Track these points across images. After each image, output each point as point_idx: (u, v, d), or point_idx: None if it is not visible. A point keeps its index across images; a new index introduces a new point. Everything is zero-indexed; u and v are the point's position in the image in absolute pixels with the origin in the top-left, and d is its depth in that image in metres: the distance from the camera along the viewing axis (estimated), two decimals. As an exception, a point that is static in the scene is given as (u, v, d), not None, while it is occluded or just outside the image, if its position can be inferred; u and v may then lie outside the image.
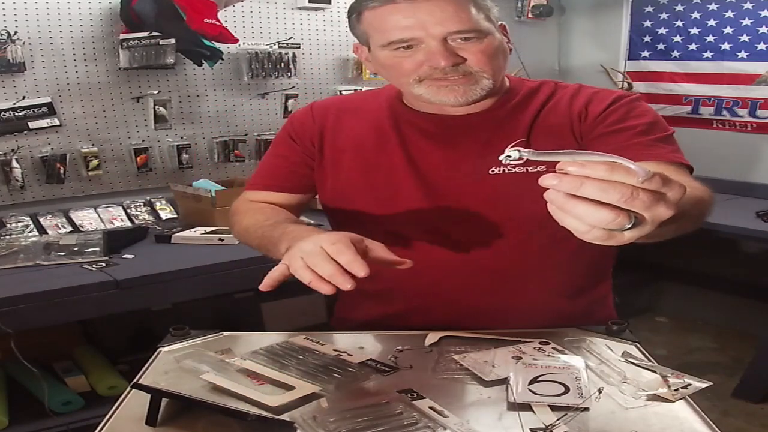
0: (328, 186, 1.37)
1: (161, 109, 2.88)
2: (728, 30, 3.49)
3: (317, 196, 1.43)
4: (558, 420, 0.91)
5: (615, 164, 0.68)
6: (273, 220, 1.28)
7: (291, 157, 1.39)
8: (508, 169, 1.24)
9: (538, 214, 1.23)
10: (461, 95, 1.20)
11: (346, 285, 0.97)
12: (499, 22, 1.24)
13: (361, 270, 0.98)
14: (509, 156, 0.79)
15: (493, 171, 1.25)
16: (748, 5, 3.41)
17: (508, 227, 1.26)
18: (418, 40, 1.17)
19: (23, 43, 2.54)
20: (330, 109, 1.40)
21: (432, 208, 1.27)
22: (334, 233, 1.06)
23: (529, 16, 3.87)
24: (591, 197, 0.68)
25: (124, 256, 2.40)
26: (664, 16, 3.72)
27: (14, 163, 2.57)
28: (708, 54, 3.58)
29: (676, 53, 3.70)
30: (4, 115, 2.54)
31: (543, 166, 1.23)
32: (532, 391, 0.98)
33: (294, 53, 3.15)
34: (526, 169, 1.23)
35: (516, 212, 1.25)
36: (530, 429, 0.90)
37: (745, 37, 3.44)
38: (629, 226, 0.70)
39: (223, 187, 2.76)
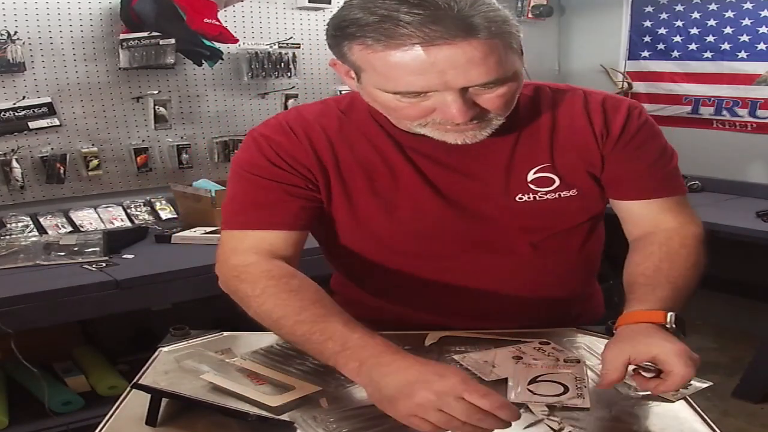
0: (342, 226, 1.21)
1: (161, 109, 2.88)
2: (728, 30, 3.49)
3: (318, 236, 1.28)
4: (559, 420, 0.91)
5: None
6: (308, 311, 1.04)
7: (283, 187, 1.16)
8: (539, 196, 1.17)
9: (558, 234, 1.23)
10: (470, 138, 1.06)
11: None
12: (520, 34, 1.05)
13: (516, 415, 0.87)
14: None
15: (521, 198, 1.17)
16: (748, 5, 3.40)
17: (536, 250, 1.22)
18: (432, 90, 0.99)
19: (23, 43, 2.54)
20: (311, 128, 1.18)
21: (460, 236, 1.20)
22: (449, 373, 0.89)
23: (529, 16, 3.87)
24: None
25: (124, 256, 2.40)
26: (664, 16, 3.71)
27: (14, 163, 2.57)
28: (708, 54, 3.58)
29: (676, 53, 3.70)
30: (4, 115, 2.54)
31: (574, 191, 1.18)
32: (531, 391, 0.98)
33: (294, 53, 3.15)
34: (558, 195, 1.18)
35: (543, 236, 1.22)
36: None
37: (745, 37, 3.44)
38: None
39: (223, 187, 2.75)
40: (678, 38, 3.67)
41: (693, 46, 3.63)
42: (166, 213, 2.90)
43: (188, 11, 2.64)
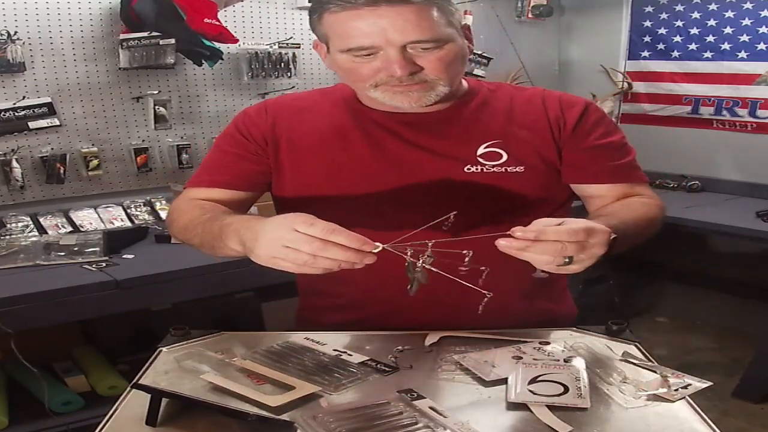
0: (288, 186, 1.35)
1: (161, 109, 2.88)
2: (728, 30, 3.49)
3: (272, 196, 1.40)
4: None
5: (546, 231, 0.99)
6: (210, 214, 1.25)
7: (240, 153, 1.36)
8: (486, 169, 1.27)
9: (511, 210, 1.27)
10: (415, 101, 1.22)
11: (369, 260, 1.00)
12: (463, 23, 1.25)
13: (370, 245, 1.00)
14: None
15: (468, 169, 1.27)
16: (748, 5, 3.41)
17: (483, 224, 1.24)
18: (377, 48, 1.17)
19: (23, 43, 2.54)
20: (284, 107, 1.38)
21: (407, 202, 1.27)
22: (291, 215, 1.03)
23: (529, 16, 3.86)
24: (533, 255, 0.99)
25: (124, 256, 2.40)
26: (664, 16, 3.72)
27: (14, 163, 2.57)
28: (708, 54, 3.58)
29: (676, 53, 3.70)
30: (4, 115, 2.54)
31: (521, 167, 1.28)
32: (531, 391, 0.98)
33: (294, 53, 3.15)
34: (505, 169, 1.27)
35: (492, 209, 1.27)
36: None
37: (745, 37, 3.44)
38: (567, 261, 1.00)
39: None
40: (678, 38, 3.67)
41: (693, 46, 3.63)
42: (166, 213, 2.88)
43: (188, 11, 2.64)
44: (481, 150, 1.28)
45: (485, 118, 1.31)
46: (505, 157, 1.28)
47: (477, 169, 1.27)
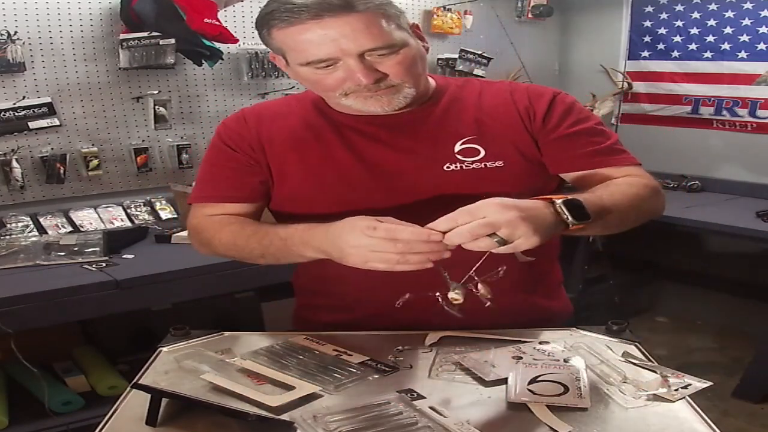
0: (277, 190, 1.36)
1: (161, 109, 2.88)
2: (728, 30, 3.49)
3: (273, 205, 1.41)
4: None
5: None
6: (250, 228, 1.29)
7: (235, 166, 1.36)
8: (466, 165, 1.27)
9: None
10: (386, 104, 1.22)
11: (446, 254, 1.04)
12: (411, 22, 1.25)
13: (438, 236, 1.03)
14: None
15: (448, 167, 1.27)
16: (748, 5, 3.41)
17: None
18: (335, 59, 1.17)
19: (23, 43, 2.54)
20: (261, 114, 1.38)
21: (391, 205, 1.26)
22: (355, 220, 1.08)
23: (529, 16, 3.86)
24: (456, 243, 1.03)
25: (124, 256, 2.40)
26: (664, 16, 3.72)
27: (14, 163, 2.57)
28: (708, 54, 3.58)
29: (676, 53, 3.70)
30: (4, 115, 2.54)
31: (501, 162, 1.28)
32: (531, 391, 0.98)
33: (294, 53, 3.14)
34: (484, 165, 1.27)
35: None
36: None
37: (745, 37, 3.44)
38: (500, 241, 1.01)
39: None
40: (678, 38, 3.67)
41: (693, 46, 3.63)
42: (166, 213, 2.90)
43: (188, 11, 2.64)
44: (458, 147, 1.28)
45: (457, 114, 1.31)
46: (482, 153, 1.28)
47: (456, 166, 1.27)
